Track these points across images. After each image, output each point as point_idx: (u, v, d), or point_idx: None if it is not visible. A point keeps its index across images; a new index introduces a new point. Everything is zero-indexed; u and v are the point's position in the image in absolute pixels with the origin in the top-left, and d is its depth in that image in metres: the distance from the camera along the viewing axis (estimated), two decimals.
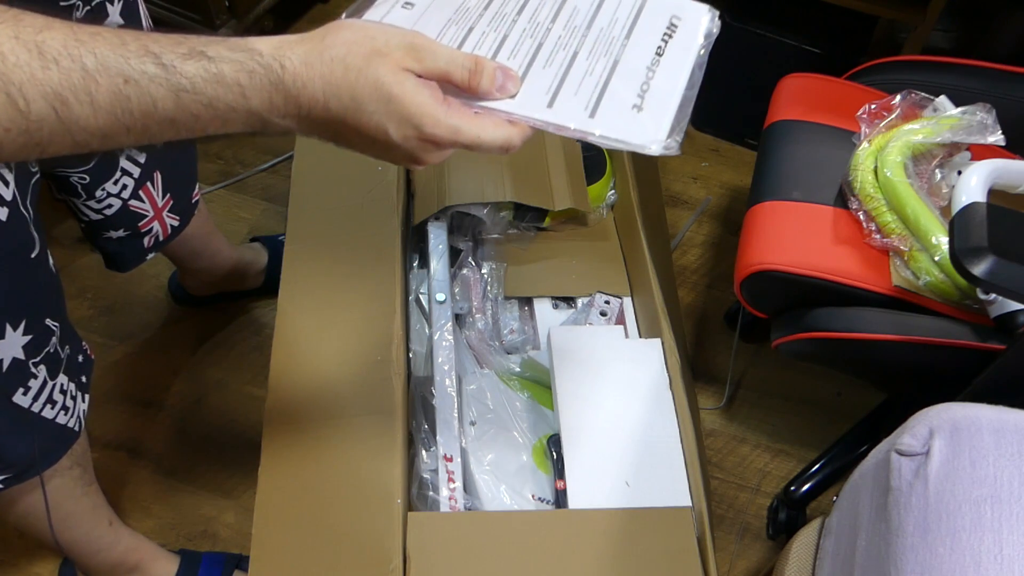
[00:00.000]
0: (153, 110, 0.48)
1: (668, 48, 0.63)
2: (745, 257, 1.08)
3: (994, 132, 1.05)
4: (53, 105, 0.45)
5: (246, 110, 0.50)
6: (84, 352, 0.92)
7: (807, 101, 1.23)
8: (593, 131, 0.57)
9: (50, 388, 0.83)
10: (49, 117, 0.45)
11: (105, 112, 0.46)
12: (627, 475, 0.91)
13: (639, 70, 0.61)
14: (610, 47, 0.62)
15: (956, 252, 0.85)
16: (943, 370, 1.02)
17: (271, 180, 1.70)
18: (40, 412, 0.83)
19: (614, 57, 0.61)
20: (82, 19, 0.79)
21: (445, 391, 0.97)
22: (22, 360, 0.78)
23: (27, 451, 0.84)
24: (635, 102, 0.59)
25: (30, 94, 0.44)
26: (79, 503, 1.01)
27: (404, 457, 0.90)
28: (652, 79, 0.61)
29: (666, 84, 0.61)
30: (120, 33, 0.48)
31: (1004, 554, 0.60)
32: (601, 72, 0.60)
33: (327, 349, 0.97)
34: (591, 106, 0.58)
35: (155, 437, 1.36)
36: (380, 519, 0.83)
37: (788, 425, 1.42)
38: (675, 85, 0.61)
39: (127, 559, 1.12)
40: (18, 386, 0.80)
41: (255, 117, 0.51)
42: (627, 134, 0.57)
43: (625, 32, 0.63)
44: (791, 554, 0.92)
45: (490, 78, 0.56)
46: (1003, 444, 0.64)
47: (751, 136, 1.77)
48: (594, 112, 0.58)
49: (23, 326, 0.78)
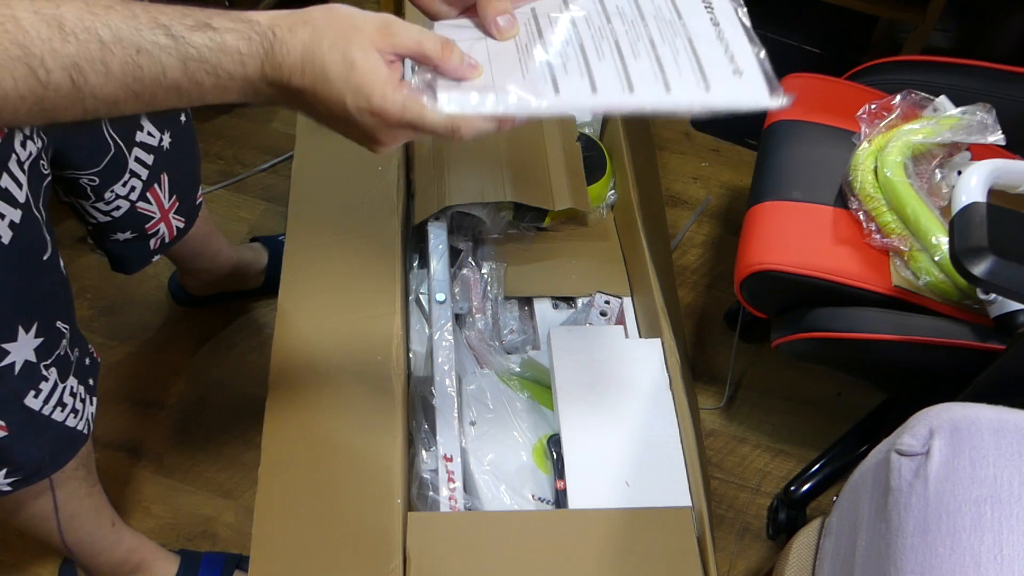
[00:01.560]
0: (163, 78, 0.51)
1: (717, 17, 0.65)
2: (745, 257, 1.08)
3: (994, 132, 1.04)
4: (71, 75, 0.48)
5: (243, 76, 0.54)
6: (91, 355, 0.92)
7: (807, 101, 1.23)
8: (716, 104, 0.59)
9: (60, 391, 0.83)
10: (66, 86, 0.48)
11: (118, 80, 0.49)
12: (627, 475, 0.91)
13: (713, 40, 0.63)
14: (675, 29, 0.63)
15: (956, 252, 0.85)
16: (943, 370, 1.02)
17: (271, 180, 1.70)
18: (51, 415, 0.83)
19: (686, 35, 0.63)
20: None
21: (445, 391, 0.97)
22: (34, 363, 0.78)
23: (37, 454, 0.84)
24: (733, 67, 0.61)
25: (50, 65, 0.47)
26: (83, 504, 1.02)
27: (404, 457, 0.90)
28: (729, 45, 0.63)
29: (741, 47, 0.63)
30: (131, 5, 0.50)
31: (1004, 554, 0.60)
32: (686, 50, 0.62)
33: (327, 349, 0.97)
34: (703, 81, 0.60)
35: (155, 437, 1.36)
36: (380, 519, 0.83)
37: (788, 425, 1.42)
38: (746, 46, 0.63)
39: (129, 559, 1.12)
40: (29, 388, 0.79)
41: (249, 85, 0.54)
42: (749, 98, 0.60)
43: (676, 14, 0.65)
44: (791, 554, 0.92)
45: (460, 56, 0.59)
46: (1003, 444, 0.64)
47: (751, 136, 1.77)
48: (709, 86, 0.59)
49: (35, 328, 0.77)
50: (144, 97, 0.51)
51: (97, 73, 0.48)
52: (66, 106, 0.49)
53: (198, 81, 0.52)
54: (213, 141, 1.74)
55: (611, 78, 0.59)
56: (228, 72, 0.53)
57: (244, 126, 1.79)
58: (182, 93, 0.52)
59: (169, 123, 1.03)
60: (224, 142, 1.75)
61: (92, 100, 0.50)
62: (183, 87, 0.52)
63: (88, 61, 0.48)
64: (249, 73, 0.54)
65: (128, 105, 0.51)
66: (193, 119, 1.10)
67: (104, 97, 0.50)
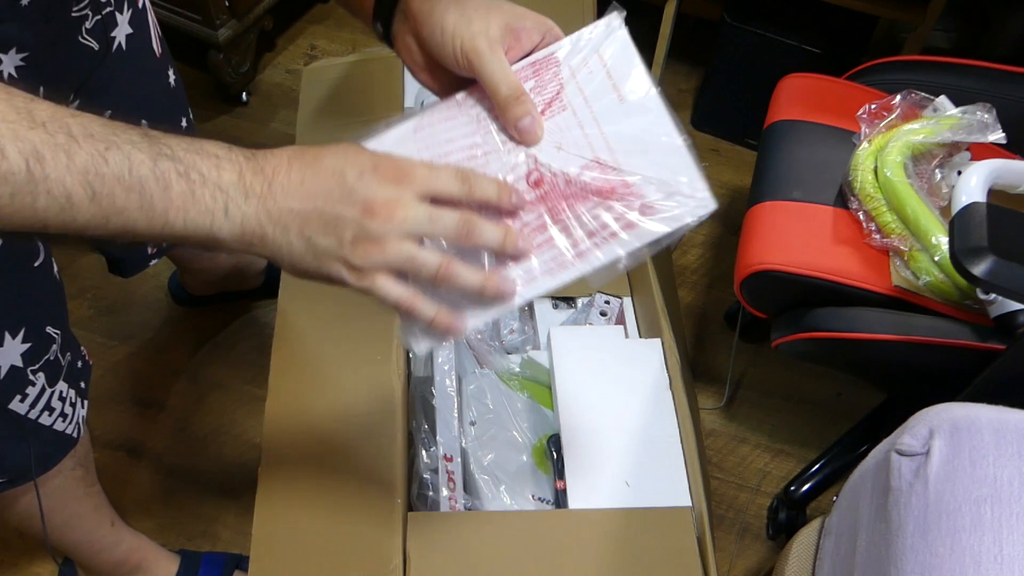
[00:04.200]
0: (127, 175, 0.47)
1: (627, 102, 0.59)
2: (745, 257, 1.08)
3: (995, 130, 1.04)
4: (29, 162, 0.44)
5: (215, 183, 0.49)
6: (83, 358, 0.92)
7: (807, 101, 1.23)
8: (659, 231, 0.56)
9: (48, 395, 0.83)
10: (20, 172, 0.44)
11: (78, 174, 0.45)
12: (627, 475, 0.91)
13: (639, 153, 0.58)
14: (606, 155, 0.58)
15: (956, 252, 0.85)
16: (943, 370, 1.02)
17: None
18: (38, 419, 0.83)
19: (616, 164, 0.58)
20: (91, 29, 0.79)
21: (445, 391, 0.97)
22: (20, 368, 0.78)
23: (23, 458, 0.84)
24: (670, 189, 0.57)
25: (8, 148, 0.43)
26: (82, 504, 1.02)
27: (404, 457, 0.90)
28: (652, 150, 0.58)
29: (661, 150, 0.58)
30: (111, 120, 0.48)
31: (1004, 554, 0.60)
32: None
33: (327, 349, 0.97)
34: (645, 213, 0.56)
35: (155, 437, 1.37)
36: (380, 519, 0.83)
37: (788, 425, 1.42)
38: (667, 142, 0.58)
39: (128, 559, 1.12)
40: (15, 393, 0.79)
41: (220, 196, 0.49)
42: (690, 212, 0.56)
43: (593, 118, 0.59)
44: (791, 554, 0.92)
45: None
46: (1003, 444, 0.64)
47: (751, 136, 1.77)
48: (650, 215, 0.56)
49: (22, 334, 0.77)
50: (101, 199, 0.46)
51: (57, 162, 0.45)
52: (12, 196, 0.44)
53: (166, 182, 0.47)
54: None
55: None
56: (201, 174, 0.49)
57: (244, 126, 1.79)
58: (144, 198, 0.47)
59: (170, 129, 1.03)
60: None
61: (44, 196, 0.45)
62: (147, 189, 0.47)
63: (51, 149, 0.44)
64: (224, 180, 0.49)
65: (81, 207, 0.46)
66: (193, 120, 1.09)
67: (58, 193, 0.45)
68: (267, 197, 0.50)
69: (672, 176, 0.57)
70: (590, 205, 0.57)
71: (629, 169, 0.57)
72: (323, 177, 0.51)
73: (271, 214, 0.51)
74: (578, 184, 0.58)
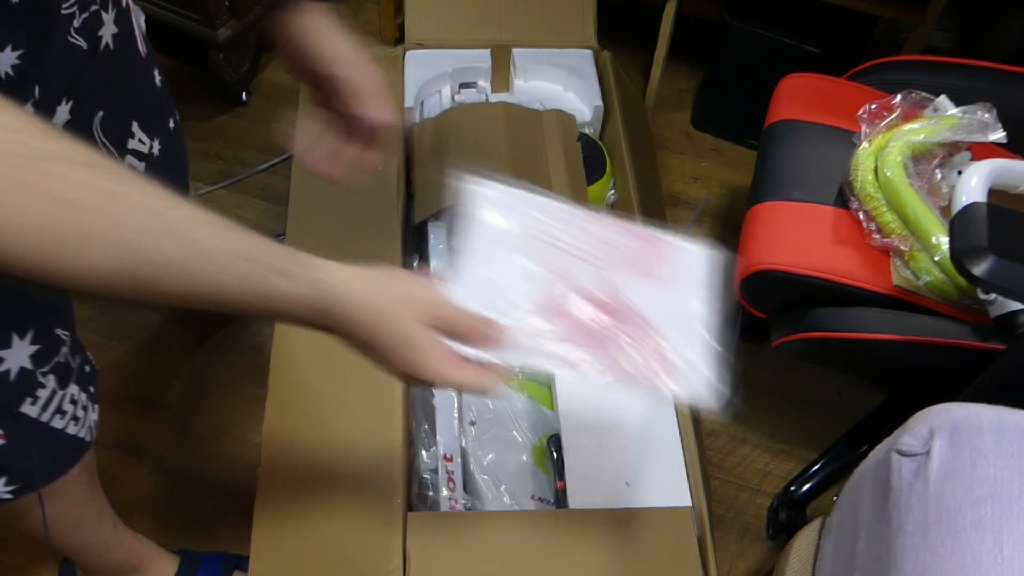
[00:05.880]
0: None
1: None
2: (745, 257, 1.08)
3: (995, 130, 1.04)
4: None
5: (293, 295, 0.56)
6: (90, 362, 0.91)
7: (807, 101, 1.23)
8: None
9: (59, 398, 0.82)
10: None
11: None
12: (627, 475, 0.91)
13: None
14: None
15: (956, 252, 0.85)
16: (943, 370, 1.02)
17: (271, 180, 1.70)
18: (49, 422, 0.82)
19: None
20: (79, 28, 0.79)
21: (445, 391, 0.97)
22: (29, 370, 0.78)
23: (37, 461, 0.84)
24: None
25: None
26: (86, 508, 1.01)
27: (404, 457, 0.90)
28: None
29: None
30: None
31: (1004, 554, 0.60)
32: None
33: (327, 349, 0.96)
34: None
35: (154, 437, 1.36)
36: (380, 519, 0.83)
37: (788, 425, 1.42)
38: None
39: (129, 560, 1.12)
40: (25, 396, 0.79)
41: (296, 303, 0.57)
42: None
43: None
44: (791, 554, 0.92)
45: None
46: (1003, 444, 0.64)
47: (751, 136, 1.77)
48: None
49: (31, 335, 0.77)
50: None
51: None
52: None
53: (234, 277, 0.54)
54: (213, 141, 1.74)
55: None
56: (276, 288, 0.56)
57: (244, 126, 1.79)
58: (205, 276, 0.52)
59: (159, 130, 1.02)
60: (224, 142, 1.75)
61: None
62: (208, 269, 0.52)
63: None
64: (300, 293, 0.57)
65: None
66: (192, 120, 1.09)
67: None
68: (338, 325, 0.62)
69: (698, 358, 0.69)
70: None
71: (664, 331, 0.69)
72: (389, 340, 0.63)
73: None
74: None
